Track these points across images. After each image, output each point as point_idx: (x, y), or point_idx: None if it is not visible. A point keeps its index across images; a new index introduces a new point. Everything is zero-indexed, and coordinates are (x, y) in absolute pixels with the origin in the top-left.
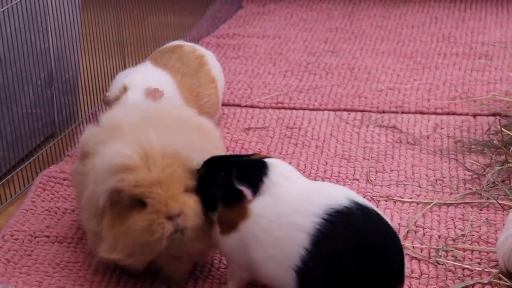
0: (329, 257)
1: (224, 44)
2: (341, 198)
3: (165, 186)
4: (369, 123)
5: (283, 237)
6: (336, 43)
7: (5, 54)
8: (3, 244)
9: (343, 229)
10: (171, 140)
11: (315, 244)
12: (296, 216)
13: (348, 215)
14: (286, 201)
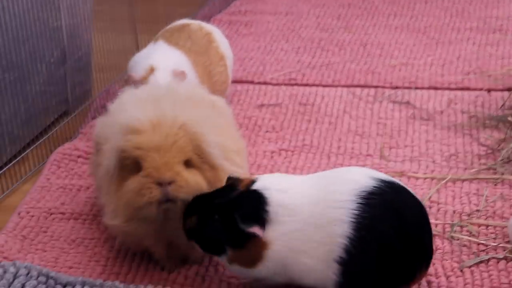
0: (375, 239)
1: (236, 21)
2: (365, 179)
3: (163, 153)
4: (383, 99)
5: (322, 237)
6: (349, 19)
7: (18, 33)
8: (19, 221)
9: (381, 208)
10: (184, 114)
11: (358, 230)
12: (329, 211)
13: (381, 195)
14: (303, 208)
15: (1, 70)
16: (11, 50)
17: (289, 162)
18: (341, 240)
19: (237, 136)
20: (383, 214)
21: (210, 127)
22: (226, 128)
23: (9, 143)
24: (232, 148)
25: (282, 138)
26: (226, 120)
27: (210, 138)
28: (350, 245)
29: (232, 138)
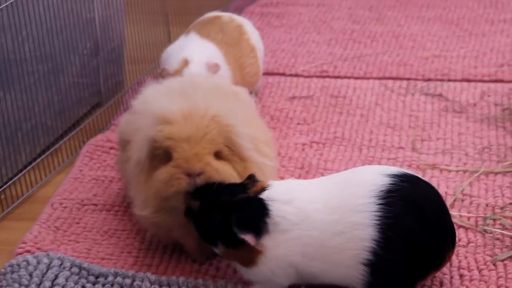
0: (401, 236)
1: (268, 12)
2: (379, 178)
3: (193, 143)
4: (415, 91)
5: (342, 243)
6: (381, 10)
7: (52, 24)
8: (52, 212)
9: (402, 205)
10: (214, 105)
11: (383, 231)
12: (349, 216)
13: (399, 190)
14: (314, 215)
15: (35, 61)
16: (45, 41)
17: (320, 154)
18: (367, 244)
19: (264, 126)
20: (405, 210)
21: (240, 118)
22: (253, 119)
23: (43, 135)
24: (261, 139)
25: (314, 130)
26: (251, 111)
27: (241, 130)
28: (377, 247)
29: (260, 129)
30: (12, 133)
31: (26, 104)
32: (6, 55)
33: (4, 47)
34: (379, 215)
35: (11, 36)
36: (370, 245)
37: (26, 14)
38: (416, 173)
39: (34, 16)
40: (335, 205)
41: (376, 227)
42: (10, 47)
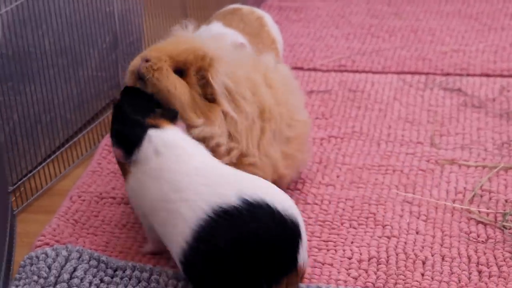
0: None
1: (286, 6)
2: (231, 195)
3: (163, 50)
4: (434, 85)
5: (168, 222)
6: (400, 5)
7: (71, 17)
8: (70, 205)
9: (225, 229)
10: (211, 46)
11: (196, 240)
12: (182, 206)
13: (234, 216)
14: (162, 179)
15: (55, 54)
16: (65, 35)
17: (338, 149)
18: (181, 240)
19: (287, 105)
20: (225, 234)
21: (239, 73)
22: (262, 85)
23: (62, 128)
24: (250, 99)
25: (332, 124)
26: (272, 80)
27: (221, 75)
28: (187, 250)
29: (268, 99)
30: (32, 126)
31: (45, 97)
32: (26, 48)
33: (24, 40)
34: (200, 224)
35: (31, 30)
36: (183, 244)
37: (46, 7)
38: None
39: (53, 9)
40: (192, 181)
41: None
42: (30, 41)
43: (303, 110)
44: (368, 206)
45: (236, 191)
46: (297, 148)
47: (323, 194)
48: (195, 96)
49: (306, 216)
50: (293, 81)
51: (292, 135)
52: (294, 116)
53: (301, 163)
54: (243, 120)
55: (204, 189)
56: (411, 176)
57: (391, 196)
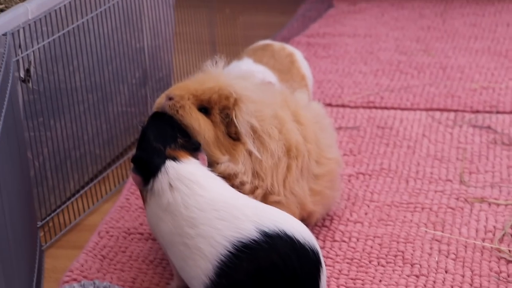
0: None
1: (314, 43)
2: (249, 228)
3: (186, 87)
4: (463, 123)
5: (188, 258)
6: (428, 41)
7: (102, 54)
8: (98, 241)
9: (247, 263)
10: (239, 84)
11: (218, 276)
12: (200, 241)
13: (254, 249)
14: (178, 216)
15: (85, 90)
16: (95, 71)
17: (366, 186)
18: (203, 276)
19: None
20: (247, 268)
21: (266, 112)
22: (290, 122)
23: (91, 163)
24: (277, 137)
25: (360, 161)
26: (303, 118)
27: (246, 114)
28: (209, 286)
29: (297, 136)
30: (61, 161)
31: (75, 133)
32: (57, 84)
33: (56, 76)
34: (222, 260)
35: (63, 66)
36: (204, 279)
37: (77, 44)
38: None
39: (85, 46)
40: (218, 207)
41: (214, 267)
42: (61, 77)
43: (335, 147)
44: (397, 244)
45: (254, 223)
46: (326, 185)
47: (351, 231)
48: (219, 134)
49: (334, 254)
50: (325, 119)
51: (321, 172)
52: (324, 154)
53: (331, 200)
54: (268, 158)
55: (221, 224)
56: (440, 214)
57: (420, 234)
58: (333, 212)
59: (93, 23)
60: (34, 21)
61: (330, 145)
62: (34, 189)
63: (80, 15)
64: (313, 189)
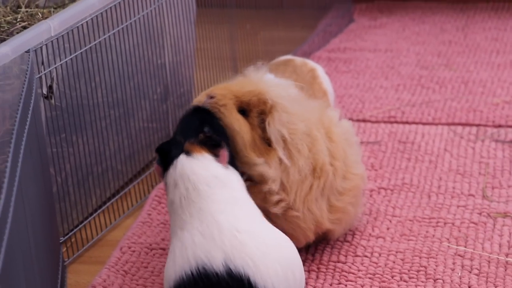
0: None
1: (335, 58)
2: (218, 259)
3: (227, 88)
4: (485, 137)
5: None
6: (450, 56)
7: (124, 70)
8: (120, 256)
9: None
10: (278, 92)
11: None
12: (177, 245)
13: (213, 284)
14: (174, 211)
15: (107, 106)
16: (117, 87)
17: (388, 201)
18: (166, 282)
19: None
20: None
21: (299, 126)
22: (319, 136)
23: (113, 178)
24: (306, 155)
25: (381, 176)
26: (332, 133)
27: (279, 123)
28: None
29: (322, 153)
30: (84, 176)
31: (97, 148)
32: (79, 100)
33: (78, 92)
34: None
35: (85, 82)
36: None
37: (100, 60)
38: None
39: (106, 62)
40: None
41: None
42: (83, 93)
43: (360, 163)
44: (419, 259)
45: (224, 254)
46: (349, 201)
47: (373, 246)
48: (255, 137)
49: (356, 269)
50: (353, 136)
51: (346, 187)
52: (350, 170)
53: (353, 217)
54: (296, 173)
55: (198, 239)
56: (462, 229)
57: (442, 249)
58: (355, 227)
59: (115, 40)
60: (57, 38)
61: (356, 161)
62: (57, 205)
63: (102, 32)
64: (335, 206)
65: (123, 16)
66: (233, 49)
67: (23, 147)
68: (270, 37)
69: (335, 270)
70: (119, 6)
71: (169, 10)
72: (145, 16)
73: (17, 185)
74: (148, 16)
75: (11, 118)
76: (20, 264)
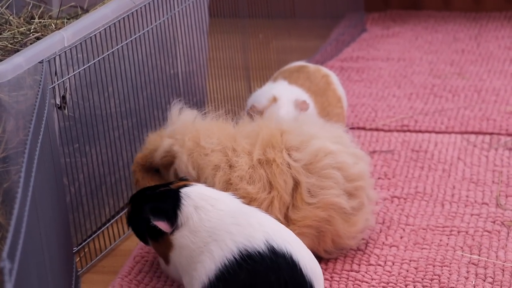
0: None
1: (348, 67)
2: (259, 239)
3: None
4: (498, 146)
5: (198, 262)
6: (463, 65)
7: (137, 80)
8: (134, 266)
9: (245, 274)
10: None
11: (217, 278)
12: (212, 244)
13: (257, 262)
14: (201, 231)
15: (120, 116)
16: (130, 97)
17: (401, 209)
18: (204, 278)
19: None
20: (244, 279)
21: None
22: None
23: (126, 188)
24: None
25: (395, 185)
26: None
27: (180, 159)
28: (206, 286)
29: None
30: (97, 187)
31: (110, 159)
32: (92, 110)
33: (91, 103)
34: (224, 264)
35: (98, 92)
36: (204, 279)
37: (113, 70)
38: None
39: (119, 72)
40: (213, 227)
41: (216, 269)
42: (96, 103)
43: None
44: (433, 267)
45: (265, 236)
46: (300, 231)
47: (387, 255)
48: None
49: (369, 277)
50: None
51: (295, 217)
52: (305, 199)
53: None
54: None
55: (235, 228)
56: (476, 237)
57: (456, 257)
58: (368, 236)
59: (128, 50)
60: (70, 48)
61: (321, 188)
62: (70, 215)
63: (115, 42)
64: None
65: (136, 26)
66: (246, 59)
67: (36, 158)
68: (282, 47)
69: (348, 279)
70: (132, 16)
71: (182, 20)
72: (158, 26)
73: (30, 195)
74: (161, 26)
75: (25, 128)
76: (34, 274)
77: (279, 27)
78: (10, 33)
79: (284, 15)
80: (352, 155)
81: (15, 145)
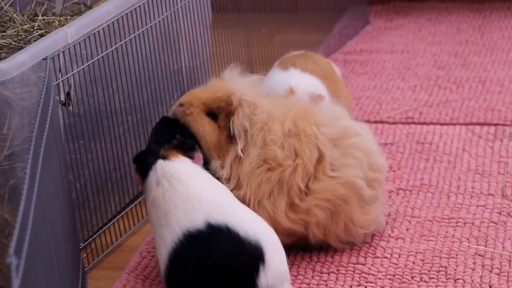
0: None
1: (351, 60)
2: (200, 219)
3: (197, 94)
4: (503, 136)
5: (158, 235)
6: (467, 56)
7: (141, 76)
8: (140, 261)
9: (189, 252)
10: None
11: (170, 262)
12: (165, 229)
13: (196, 239)
14: (158, 208)
15: (125, 112)
16: (134, 93)
17: (407, 201)
18: (163, 263)
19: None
20: (189, 257)
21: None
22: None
23: (132, 184)
24: (259, 145)
25: (400, 177)
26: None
27: (243, 117)
28: (165, 271)
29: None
30: (102, 183)
31: (115, 154)
32: (97, 107)
33: (96, 99)
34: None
35: (102, 88)
36: (170, 251)
37: (117, 66)
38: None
39: (123, 68)
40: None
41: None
42: (101, 99)
43: (351, 170)
44: (439, 259)
45: (204, 215)
46: (317, 203)
47: (393, 247)
48: (222, 138)
49: (376, 270)
50: (355, 140)
51: (314, 188)
52: (325, 171)
53: (333, 226)
54: (247, 165)
55: (182, 214)
56: (482, 228)
57: (462, 249)
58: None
59: (132, 46)
60: (74, 45)
61: (342, 165)
62: (76, 211)
63: (119, 38)
64: (297, 205)
65: (139, 22)
66: (249, 53)
67: (41, 154)
68: (286, 40)
69: (354, 271)
70: (135, 12)
71: (185, 15)
72: (161, 21)
73: (36, 192)
74: (164, 21)
75: (30, 125)
76: (41, 270)
77: (282, 21)
78: (14, 30)
79: (287, 9)
80: (377, 147)
81: (20, 142)
